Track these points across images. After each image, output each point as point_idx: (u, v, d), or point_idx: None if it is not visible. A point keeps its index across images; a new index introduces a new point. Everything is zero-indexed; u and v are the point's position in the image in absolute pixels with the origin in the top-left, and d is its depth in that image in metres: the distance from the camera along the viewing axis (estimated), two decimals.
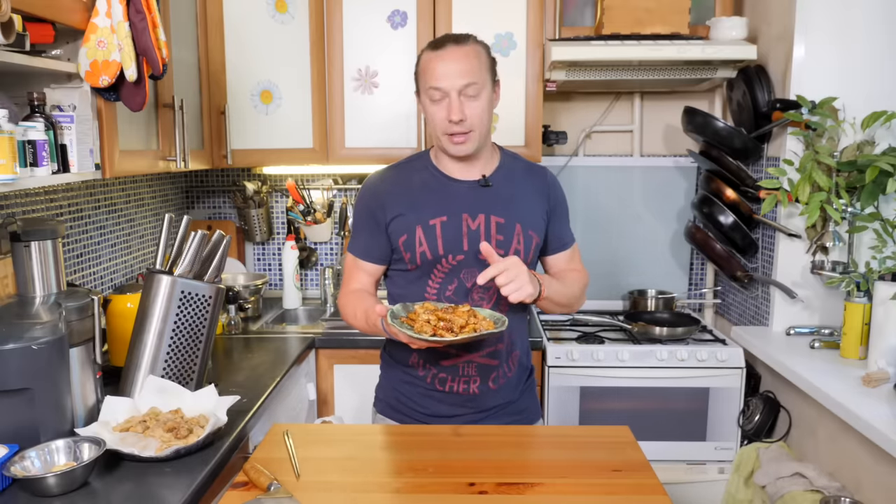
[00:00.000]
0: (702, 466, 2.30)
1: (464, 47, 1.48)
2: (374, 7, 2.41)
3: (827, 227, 2.10)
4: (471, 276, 1.51)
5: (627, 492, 1.21)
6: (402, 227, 1.53)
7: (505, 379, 1.59)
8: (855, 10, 2.09)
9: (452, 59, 1.46)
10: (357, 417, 2.31)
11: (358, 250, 1.61)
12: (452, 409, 1.58)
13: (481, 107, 1.48)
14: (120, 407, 1.46)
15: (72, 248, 2.03)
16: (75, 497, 1.22)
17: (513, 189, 1.58)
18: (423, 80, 1.50)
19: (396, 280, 1.61)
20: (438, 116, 1.48)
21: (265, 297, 2.77)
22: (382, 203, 1.56)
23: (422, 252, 1.52)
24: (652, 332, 2.38)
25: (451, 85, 1.45)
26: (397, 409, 1.64)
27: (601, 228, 2.78)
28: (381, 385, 1.70)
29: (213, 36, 2.36)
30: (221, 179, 2.89)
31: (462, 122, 1.46)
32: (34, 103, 1.43)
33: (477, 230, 1.52)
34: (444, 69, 1.46)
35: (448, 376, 1.56)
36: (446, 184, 1.56)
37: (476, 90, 1.46)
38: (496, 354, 1.56)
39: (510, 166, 1.61)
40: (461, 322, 1.36)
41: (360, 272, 1.62)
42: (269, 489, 1.18)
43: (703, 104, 2.73)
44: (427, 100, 1.50)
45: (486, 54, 1.52)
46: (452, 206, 1.53)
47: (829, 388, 1.77)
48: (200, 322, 1.61)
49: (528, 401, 1.68)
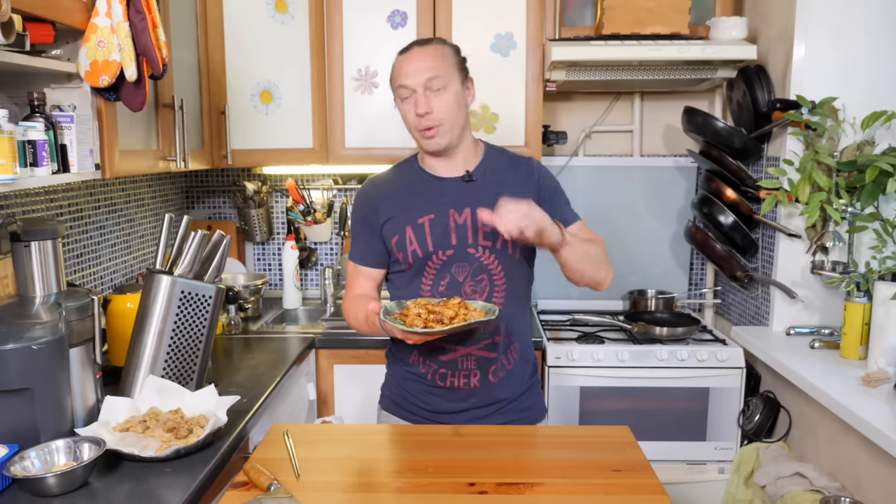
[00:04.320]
0: (702, 466, 2.30)
1: (427, 47, 1.56)
2: (374, 7, 2.41)
3: (827, 227, 2.10)
4: (461, 271, 1.55)
5: (627, 492, 1.21)
6: (394, 228, 1.58)
7: (505, 372, 1.61)
8: (855, 10, 2.09)
9: (416, 58, 1.54)
10: (357, 417, 2.31)
11: (357, 256, 1.66)
12: (455, 405, 1.60)
13: (448, 100, 1.52)
14: (120, 407, 1.46)
15: (72, 248, 2.03)
16: (75, 497, 1.21)
17: (497, 181, 1.60)
18: (394, 83, 1.58)
19: (395, 282, 1.65)
20: (409, 114, 1.55)
21: (265, 297, 2.77)
22: (375, 207, 1.61)
23: (413, 250, 1.56)
24: (652, 332, 2.38)
25: (415, 81, 1.52)
26: (402, 407, 1.66)
27: (601, 228, 2.74)
28: (387, 383, 1.73)
29: (213, 36, 2.36)
30: (221, 179, 2.89)
31: (429, 116, 1.52)
32: (34, 103, 1.43)
33: (464, 224, 1.56)
34: (408, 68, 1.53)
35: (448, 371, 1.58)
36: (432, 182, 1.61)
37: (441, 83, 1.52)
38: (494, 347, 1.58)
39: (494, 160, 1.64)
40: (451, 314, 1.39)
41: (361, 277, 1.66)
42: (269, 489, 1.18)
43: (703, 104, 2.73)
44: (398, 100, 1.58)
45: (453, 53, 1.58)
46: (439, 204, 1.57)
47: (829, 388, 1.77)
48: (200, 322, 1.61)
49: (532, 398, 1.69)
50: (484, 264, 1.56)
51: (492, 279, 1.56)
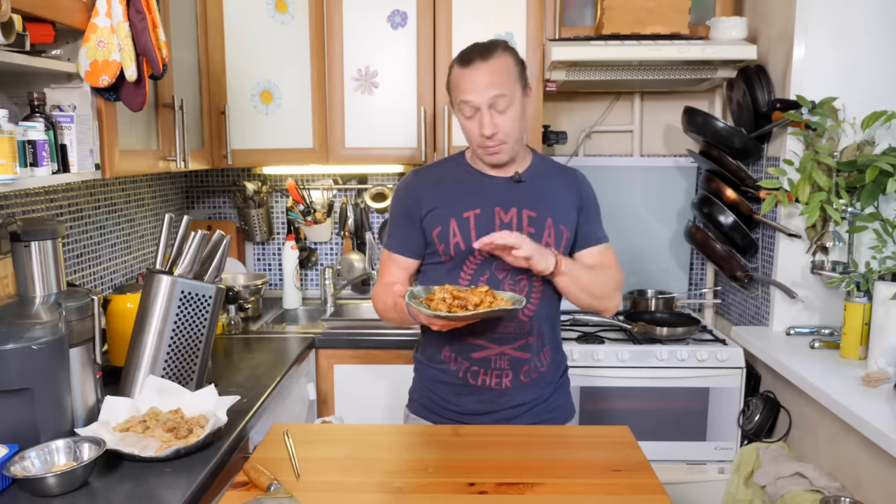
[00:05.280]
0: (702, 466, 2.30)
1: (490, 62, 1.48)
2: (374, 7, 2.41)
3: (827, 227, 2.10)
4: (502, 269, 1.55)
5: (627, 492, 1.21)
6: (437, 219, 1.58)
7: (537, 373, 1.61)
8: (855, 10, 2.09)
9: (480, 73, 1.48)
10: (357, 417, 2.31)
11: (393, 245, 1.66)
12: (485, 406, 1.59)
13: (512, 118, 1.51)
14: (120, 407, 1.46)
15: (72, 248, 2.03)
16: (75, 497, 1.21)
17: (544, 185, 1.62)
18: (454, 95, 1.55)
19: (429, 273, 1.64)
20: (473, 132, 1.53)
21: (265, 297, 2.77)
22: (417, 199, 1.61)
23: (455, 243, 1.56)
24: (652, 332, 2.38)
25: (480, 99, 1.48)
26: (431, 409, 1.66)
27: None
28: (415, 386, 1.73)
29: (213, 36, 2.36)
30: (221, 179, 2.89)
31: (494, 136, 1.50)
32: (34, 103, 1.43)
33: (510, 223, 1.56)
34: (471, 84, 1.48)
35: (480, 369, 1.58)
36: (479, 178, 1.61)
37: (506, 103, 1.49)
38: (527, 348, 1.58)
39: (542, 165, 1.66)
40: (476, 300, 1.37)
41: (394, 266, 1.66)
42: (269, 489, 1.18)
43: (703, 104, 2.73)
44: (460, 114, 1.55)
45: (515, 63, 1.53)
46: (485, 200, 1.57)
47: (829, 388, 1.77)
48: (200, 322, 1.61)
49: (561, 398, 1.70)
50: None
51: (531, 280, 1.56)
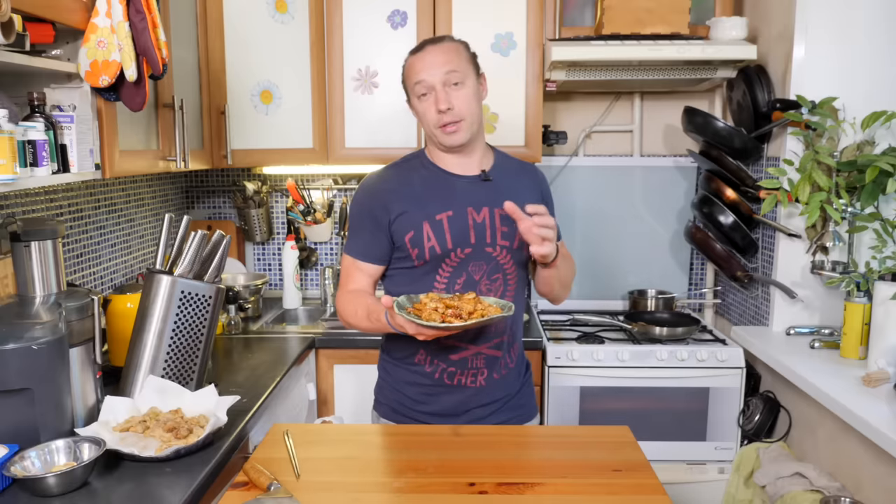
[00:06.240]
0: (702, 466, 2.30)
1: (440, 44, 1.56)
2: (374, 7, 2.41)
3: (827, 227, 2.10)
4: (478, 269, 1.55)
5: (627, 492, 1.21)
6: (408, 223, 1.54)
7: (507, 370, 1.62)
8: (855, 10, 2.09)
9: (431, 53, 1.53)
10: (357, 417, 2.31)
11: (357, 252, 1.60)
12: (457, 407, 1.59)
13: (467, 95, 1.52)
14: (120, 407, 1.46)
15: (72, 248, 2.03)
16: (75, 497, 1.21)
17: (511, 183, 1.61)
18: (409, 81, 1.57)
19: (398, 279, 1.60)
20: (429, 111, 1.54)
21: (265, 297, 2.77)
22: (384, 202, 1.56)
23: (430, 247, 1.53)
24: (652, 332, 2.38)
25: (433, 76, 1.51)
26: (401, 413, 1.64)
27: (601, 228, 2.78)
28: (381, 387, 1.69)
29: (213, 36, 2.36)
30: (221, 179, 2.89)
31: (451, 111, 1.51)
32: (34, 103, 1.43)
33: (483, 223, 1.55)
34: (424, 64, 1.52)
35: (457, 370, 1.58)
36: (448, 179, 1.59)
37: (459, 77, 1.51)
38: (500, 346, 1.59)
39: (505, 163, 1.66)
40: (469, 308, 1.36)
41: (358, 273, 1.61)
42: (269, 489, 1.18)
43: (703, 104, 2.73)
44: (415, 99, 1.56)
45: (465, 49, 1.58)
46: (457, 201, 1.56)
47: (829, 388, 1.77)
48: (200, 322, 1.61)
49: (526, 396, 1.70)
50: (500, 263, 1.56)
51: (506, 279, 1.57)
